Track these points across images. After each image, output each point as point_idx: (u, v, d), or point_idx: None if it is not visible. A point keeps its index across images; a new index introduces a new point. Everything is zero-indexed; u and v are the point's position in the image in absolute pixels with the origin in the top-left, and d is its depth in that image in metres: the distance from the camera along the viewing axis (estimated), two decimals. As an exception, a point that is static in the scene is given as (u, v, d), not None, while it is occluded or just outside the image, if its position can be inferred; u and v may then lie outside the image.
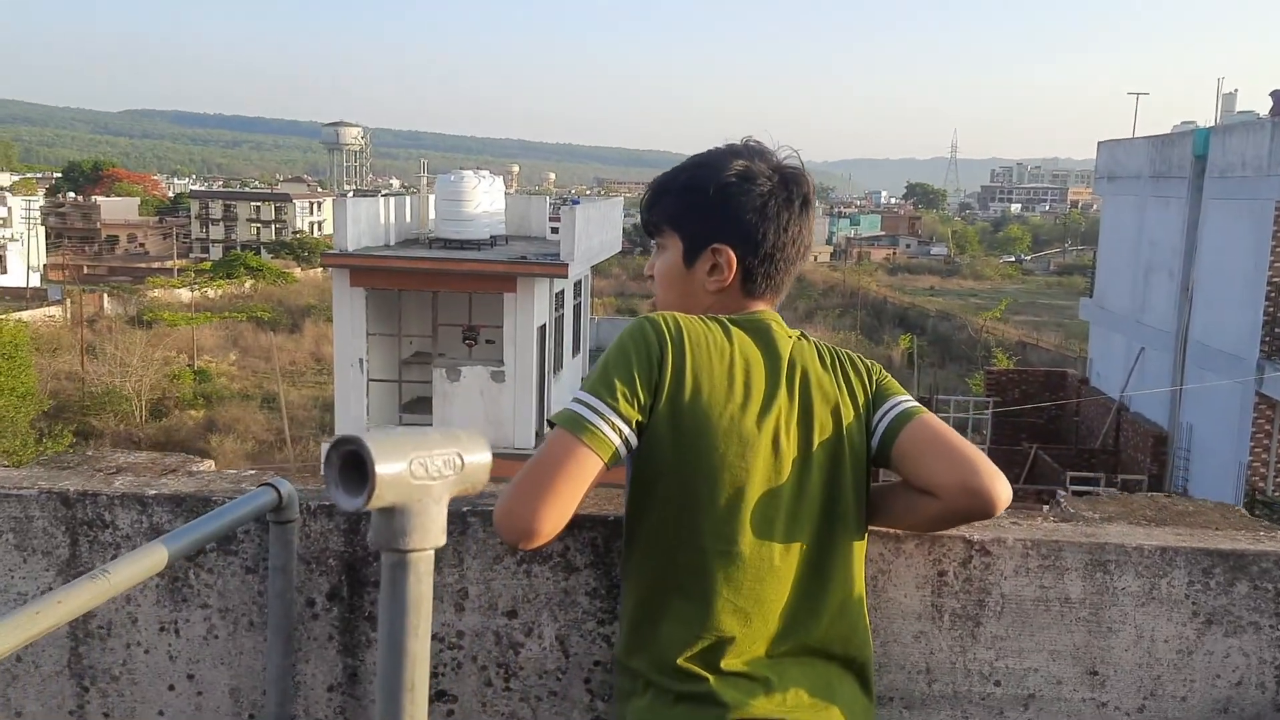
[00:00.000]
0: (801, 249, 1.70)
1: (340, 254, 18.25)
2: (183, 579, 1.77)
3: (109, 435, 33.91)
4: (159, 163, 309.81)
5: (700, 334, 1.55)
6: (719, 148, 1.71)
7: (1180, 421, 17.77)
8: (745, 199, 1.64)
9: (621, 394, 1.48)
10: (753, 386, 1.54)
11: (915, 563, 1.74)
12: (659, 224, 1.72)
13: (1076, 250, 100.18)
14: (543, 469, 1.45)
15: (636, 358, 1.51)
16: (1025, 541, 1.73)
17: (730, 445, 1.50)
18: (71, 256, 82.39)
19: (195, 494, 1.76)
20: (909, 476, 1.60)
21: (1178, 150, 18.78)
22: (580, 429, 1.46)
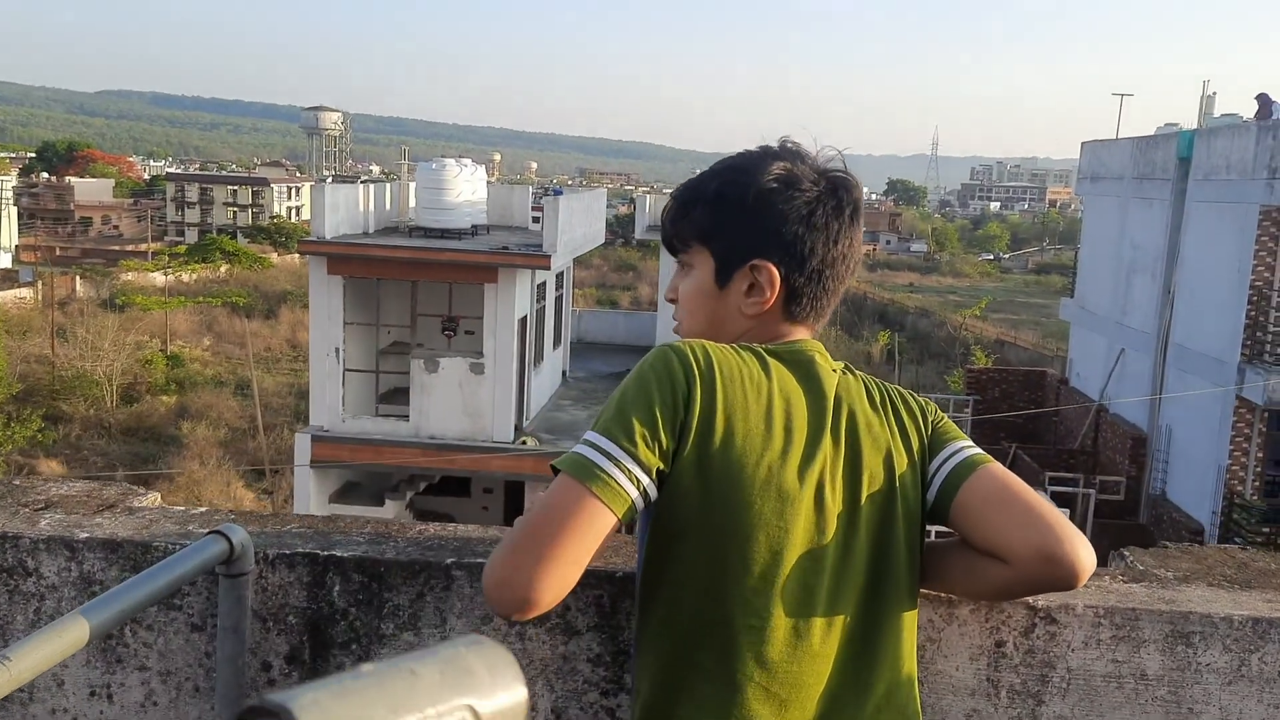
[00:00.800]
0: (852, 265, 1.47)
1: (318, 241, 17.91)
2: (117, 636, 1.52)
3: (79, 420, 33.42)
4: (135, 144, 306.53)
5: (734, 367, 1.33)
6: (752, 150, 1.48)
7: (1159, 424, 17.76)
8: (789, 208, 1.42)
9: (641, 437, 1.25)
10: (794, 431, 1.32)
11: (970, 631, 1.52)
12: (687, 239, 1.48)
13: (1055, 249, 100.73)
14: (544, 525, 1.22)
15: (659, 394, 1.27)
16: (1097, 609, 1.51)
17: (768, 501, 1.28)
18: (44, 237, 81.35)
19: (133, 539, 1.52)
20: (972, 537, 1.38)
21: (1161, 152, 18.78)
22: (590, 477, 1.23)
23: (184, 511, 1.62)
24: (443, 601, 1.51)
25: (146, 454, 30.77)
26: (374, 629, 1.51)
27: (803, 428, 1.33)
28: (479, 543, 1.57)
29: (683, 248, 1.49)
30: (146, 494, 1.71)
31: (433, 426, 17.80)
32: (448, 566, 1.51)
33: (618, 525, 1.25)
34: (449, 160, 20.34)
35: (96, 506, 1.65)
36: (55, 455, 30.15)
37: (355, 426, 18.00)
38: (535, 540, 1.21)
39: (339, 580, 1.50)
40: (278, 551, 1.51)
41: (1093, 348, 21.14)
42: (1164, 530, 16.73)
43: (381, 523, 1.64)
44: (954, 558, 1.43)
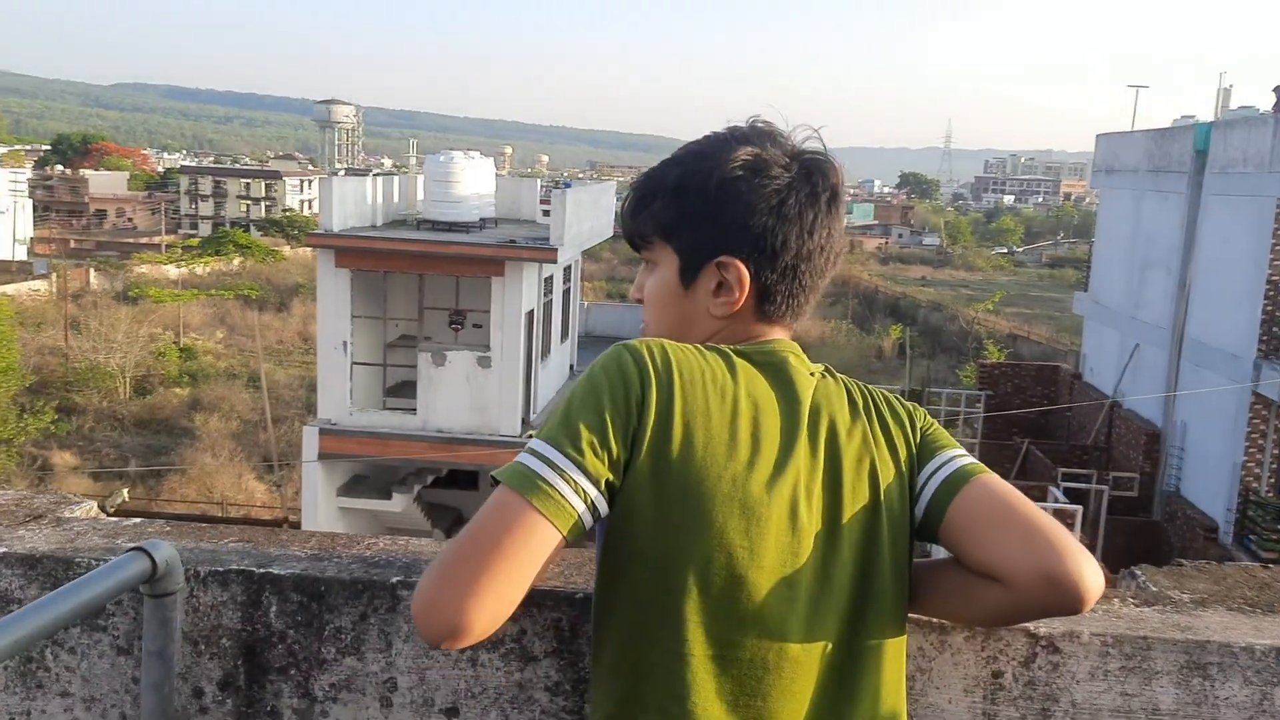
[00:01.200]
0: (831, 257, 1.33)
1: (325, 234, 17.84)
2: (38, 659, 1.40)
3: (92, 412, 33.53)
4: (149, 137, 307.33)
5: (695, 368, 1.20)
6: (718, 133, 1.34)
7: (1174, 419, 17.59)
8: (756, 197, 1.28)
9: (589, 444, 1.13)
10: (763, 439, 1.19)
11: (964, 660, 1.39)
12: (647, 234, 1.35)
13: (1069, 243, 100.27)
14: (479, 543, 1.09)
15: (610, 398, 1.15)
16: (1105, 637, 1.37)
17: (731, 517, 1.15)
18: (58, 230, 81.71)
19: (54, 555, 1.40)
20: (966, 556, 1.24)
21: (1178, 145, 18.60)
22: (531, 489, 1.11)
23: (115, 523, 1.51)
24: (388, 624, 1.38)
25: (159, 446, 30.84)
26: (314, 653, 1.39)
27: (774, 436, 1.20)
28: (429, 560, 1.45)
29: (644, 244, 1.37)
30: (81, 503, 1.60)
31: (440, 420, 17.73)
32: (393, 586, 1.38)
33: (563, 542, 1.13)
34: (457, 153, 20.24)
35: (23, 517, 1.54)
36: (69, 447, 30.23)
37: (363, 420, 17.94)
38: (468, 559, 1.08)
39: (276, 600, 1.38)
40: (210, 569, 1.39)
41: (1107, 342, 20.96)
42: (1178, 528, 16.55)
43: (328, 537, 1.52)
44: (946, 579, 1.30)
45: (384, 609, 1.38)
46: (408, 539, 1.52)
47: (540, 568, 1.11)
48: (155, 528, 1.51)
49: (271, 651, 1.39)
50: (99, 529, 1.50)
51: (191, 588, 1.38)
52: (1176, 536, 16.55)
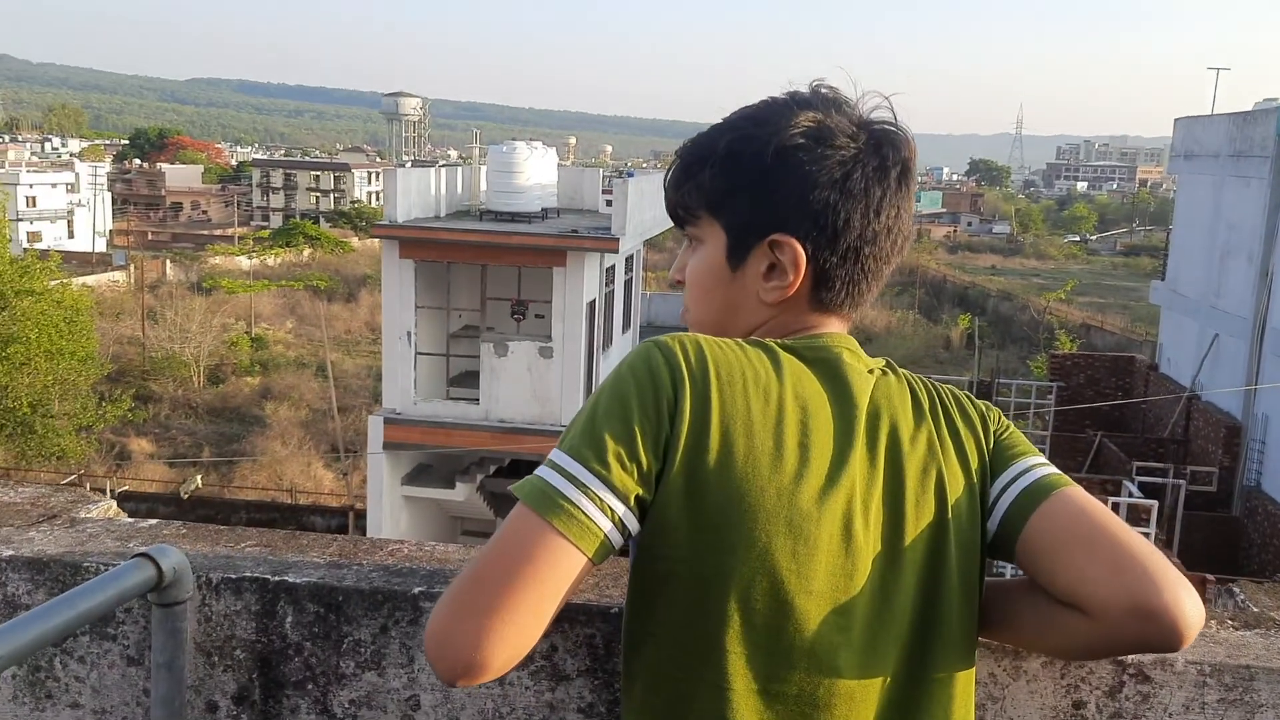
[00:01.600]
0: (899, 240, 1.19)
1: (390, 225, 17.97)
2: (46, 669, 1.33)
3: (167, 400, 34.34)
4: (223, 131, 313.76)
5: (734, 367, 1.06)
6: (775, 97, 1.19)
7: (1255, 413, 17.06)
8: (818, 169, 1.14)
9: (615, 456, 1.01)
10: (812, 447, 1.05)
11: (1041, 689, 1.25)
12: (692, 208, 1.22)
13: (1144, 230, 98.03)
14: (496, 570, 0.98)
15: (639, 404, 1.03)
16: (1202, 665, 1.23)
17: (776, 536, 1.02)
18: (136, 222, 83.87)
19: (62, 559, 1.33)
20: (1046, 580, 1.10)
21: (1260, 128, 18.05)
22: (552, 509, 0.99)
23: (130, 525, 1.43)
24: (410, 637, 1.29)
25: (231, 434, 31.49)
26: (332, 667, 1.30)
27: (825, 444, 1.06)
28: (455, 568, 1.35)
29: (688, 219, 1.23)
30: (100, 501, 1.53)
31: (502, 410, 17.78)
32: (415, 597, 1.29)
33: (589, 566, 1.01)
34: (519, 143, 20.26)
35: (37, 517, 1.47)
36: (145, 434, 31.00)
37: (427, 410, 18.06)
38: (483, 588, 0.97)
39: (292, 610, 1.30)
40: (222, 576, 1.31)
41: (1184, 332, 20.40)
42: (1258, 524, 16.04)
43: (349, 542, 1.44)
44: (1022, 604, 1.16)
45: (405, 621, 1.29)
46: (433, 545, 1.43)
47: (564, 595, 1.01)
48: (171, 530, 1.44)
49: (288, 664, 1.31)
50: (112, 531, 1.43)
51: (203, 596, 1.30)
52: (1257, 533, 16.03)
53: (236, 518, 24.60)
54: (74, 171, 73.62)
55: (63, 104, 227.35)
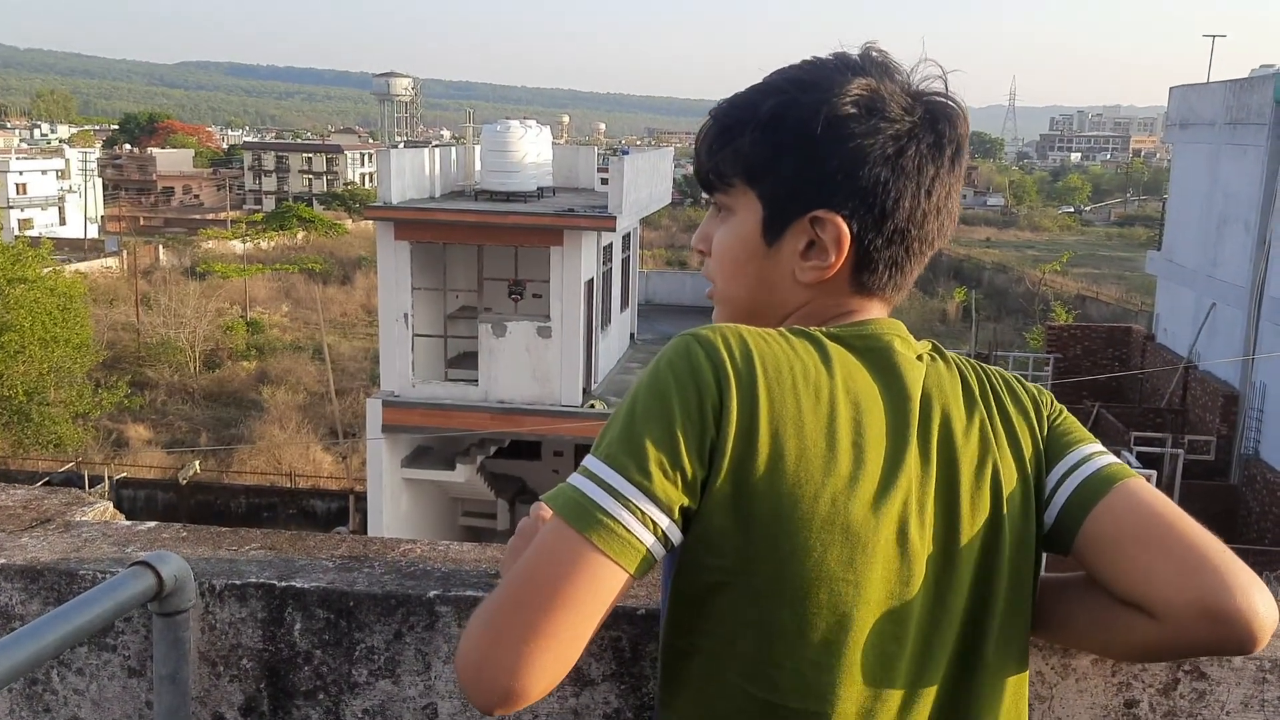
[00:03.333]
0: (946, 223, 1.11)
1: (384, 206, 17.86)
2: (44, 681, 1.29)
3: (164, 386, 34.26)
4: (213, 114, 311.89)
5: (782, 362, 0.98)
6: (821, 59, 1.10)
7: (1253, 380, 17.04)
8: (871, 142, 1.05)
9: (658, 465, 0.94)
10: (866, 448, 0.99)
11: (1091, 687, 1.21)
12: (727, 175, 1.11)
13: (1139, 200, 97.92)
14: (532, 592, 0.92)
15: (681, 405, 0.95)
16: (1261, 661, 1.18)
17: (831, 545, 0.96)
18: (128, 208, 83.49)
19: (56, 566, 1.28)
20: (1109, 578, 1.05)
21: (1256, 95, 17.95)
22: (592, 525, 0.93)
23: (128, 528, 1.39)
24: (425, 643, 1.25)
25: (229, 418, 31.43)
26: (344, 675, 1.26)
27: (879, 443, 1.00)
28: (471, 569, 1.31)
29: (720, 186, 1.13)
30: (95, 503, 1.49)
31: (501, 391, 17.74)
32: (430, 601, 1.24)
33: (630, 582, 0.95)
34: (513, 122, 20.13)
35: (29, 521, 1.42)
36: (142, 420, 30.94)
37: (425, 391, 18.02)
38: (520, 612, 0.92)
39: (300, 616, 1.25)
40: (226, 582, 1.26)
41: (1181, 302, 20.37)
42: (1256, 492, 16.07)
43: (359, 542, 1.40)
44: (1079, 603, 1.11)
45: (421, 626, 1.25)
46: (447, 544, 1.39)
47: (604, 615, 0.95)
48: (170, 533, 1.39)
49: (297, 674, 1.27)
50: (109, 535, 1.38)
51: (206, 603, 1.25)
52: (1255, 501, 16.06)
53: (236, 503, 24.58)
54: (64, 158, 73.25)
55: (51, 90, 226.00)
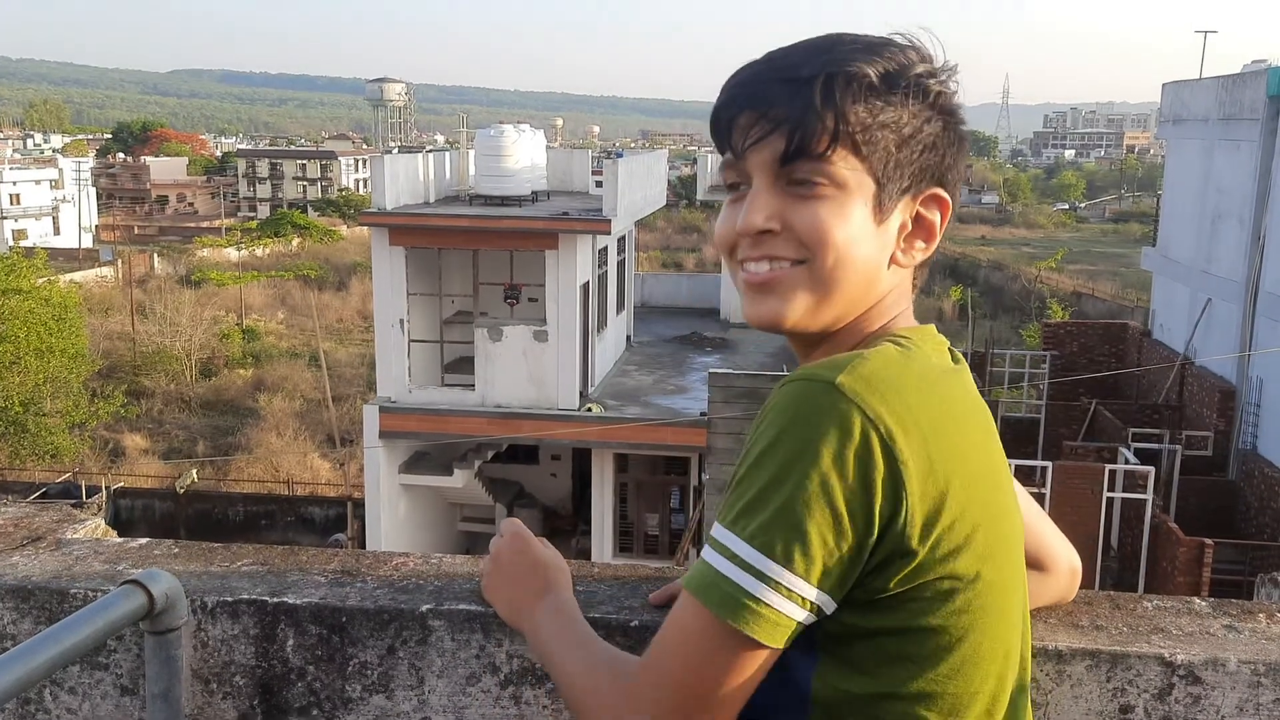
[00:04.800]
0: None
1: (379, 212, 17.86)
2: (36, 701, 1.26)
3: (160, 394, 34.20)
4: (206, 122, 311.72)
5: (937, 418, 0.93)
6: (885, 37, 1.01)
7: (1249, 375, 17.04)
8: (963, 129, 1.03)
9: (822, 558, 0.90)
10: (1003, 479, 1.01)
11: (1086, 693, 1.20)
12: (824, 141, 0.97)
13: (1133, 197, 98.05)
14: (698, 684, 0.92)
15: (850, 512, 0.89)
16: (1255, 665, 1.17)
17: (1011, 614, 1.01)
18: (122, 217, 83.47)
19: (47, 586, 1.26)
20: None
21: (1250, 91, 17.94)
22: (754, 620, 0.90)
23: (119, 545, 1.36)
24: (419, 658, 1.23)
25: (226, 427, 31.38)
26: (337, 691, 1.24)
27: (1005, 469, 1.02)
28: (464, 582, 1.29)
29: (808, 154, 0.97)
30: (86, 520, 1.46)
31: (498, 395, 17.72)
32: (423, 615, 1.22)
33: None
34: (507, 127, 20.14)
35: (20, 540, 1.40)
36: (139, 429, 30.88)
37: (422, 397, 18.00)
38: (689, 702, 0.92)
39: (293, 632, 1.23)
40: (218, 599, 1.24)
41: (1176, 298, 20.38)
42: (1254, 487, 16.06)
43: (351, 556, 1.38)
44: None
45: (414, 641, 1.22)
46: (440, 557, 1.37)
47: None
48: (162, 550, 1.37)
49: (290, 690, 1.24)
50: (100, 553, 1.35)
51: (198, 621, 1.23)
52: (1253, 496, 16.05)
53: (234, 511, 24.53)
54: (57, 168, 73.15)
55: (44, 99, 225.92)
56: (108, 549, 1.37)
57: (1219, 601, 1.29)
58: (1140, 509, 14.01)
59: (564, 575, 1.19)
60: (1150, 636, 1.22)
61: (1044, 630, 1.23)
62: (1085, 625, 1.25)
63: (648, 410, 17.75)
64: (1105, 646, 1.19)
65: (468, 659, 1.22)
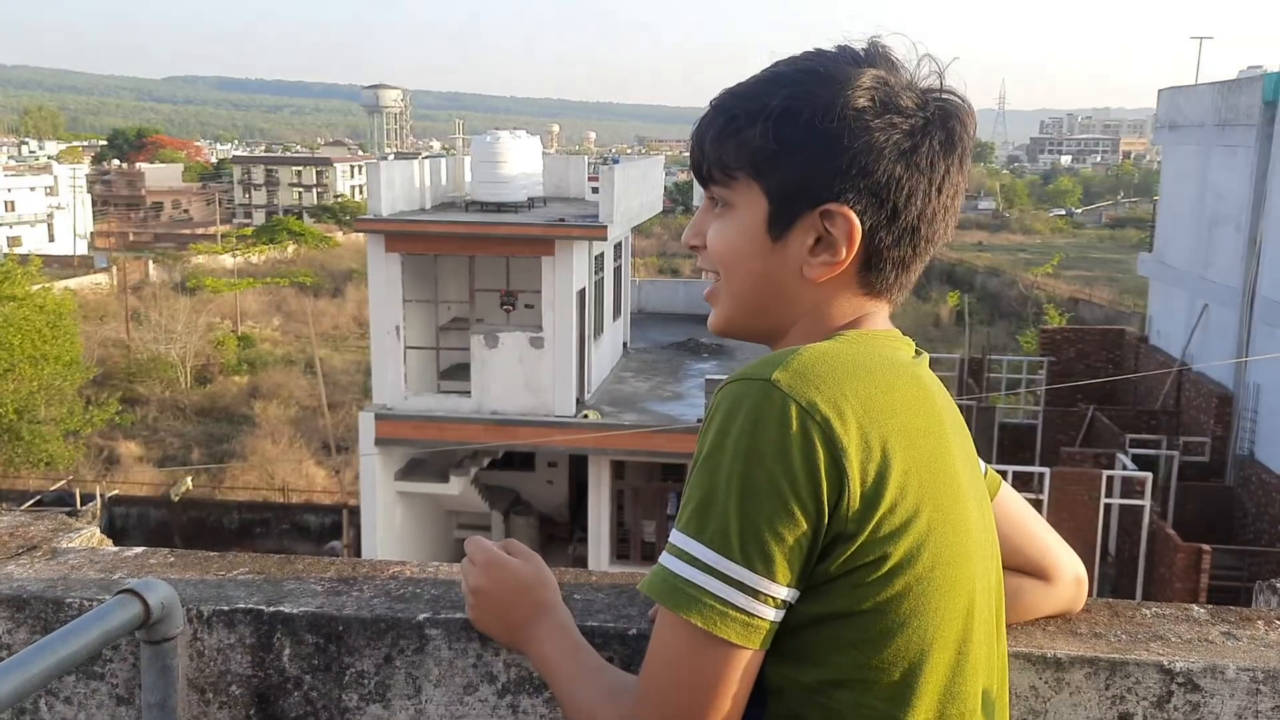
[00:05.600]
0: (951, 222, 1.10)
1: (374, 219, 17.85)
2: (31, 711, 1.26)
3: (155, 402, 34.15)
4: (202, 128, 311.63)
5: (876, 403, 0.97)
6: (827, 51, 1.07)
7: (1247, 381, 17.06)
8: (885, 137, 1.03)
9: (782, 555, 0.93)
10: (955, 466, 1.03)
11: (1085, 700, 1.20)
12: (731, 167, 1.07)
13: (1129, 202, 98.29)
14: (690, 701, 0.95)
15: (800, 503, 0.93)
16: (1254, 672, 1.17)
17: (956, 608, 1.01)
18: (117, 224, 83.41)
19: (43, 595, 1.25)
20: (1016, 548, 1.23)
21: (1245, 96, 18.00)
22: (729, 623, 0.94)
23: (114, 554, 1.36)
24: (416, 667, 1.22)
25: (221, 434, 31.33)
26: (334, 700, 1.23)
27: (969, 465, 1.08)
28: (461, 591, 1.28)
29: (723, 179, 1.08)
30: (82, 529, 1.46)
31: (494, 402, 17.70)
32: (420, 624, 1.21)
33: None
34: (503, 133, 20.15)
35: (15, 549, 1.39)
36: (133, 437, 30.83)
37: (418, 404, 17.97)
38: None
39: (289, 642, 1.23)
40: (214, 608, 1.23)
41: (1174, 303, 20.41)
42: (1252, 493, 16.08)
43: (348, 564, 1.37)
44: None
45: (411, 650, 1.22)
46: (436, 565, 1.36)
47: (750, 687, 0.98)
48: (158, 559, 1.36)
49: (287, 700, 1.24)
50: (96, 562, 1.35)
51: (194, 630, 1.23)
52: (1251, 502, 16.07)
53: (229, 519, 24.48)
54: (52, 174, 73.08)
55: (39, 106, 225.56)
56: (103, 558, 1.36)
57: (1217, 608, 1.29)
58: (1138, 515, 14.02)
59: (550, 588, 1.19)
60: (1149, 644, 1.22)
61: (1042, 638, 1.23)
62: (1084, 633, 1.25)
63: (644, 417, 17.73)
64: (1104, 654, 1.19)
65: (465, 668, 1.22)
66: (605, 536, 18.18)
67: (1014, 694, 1.19)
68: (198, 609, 1.23)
